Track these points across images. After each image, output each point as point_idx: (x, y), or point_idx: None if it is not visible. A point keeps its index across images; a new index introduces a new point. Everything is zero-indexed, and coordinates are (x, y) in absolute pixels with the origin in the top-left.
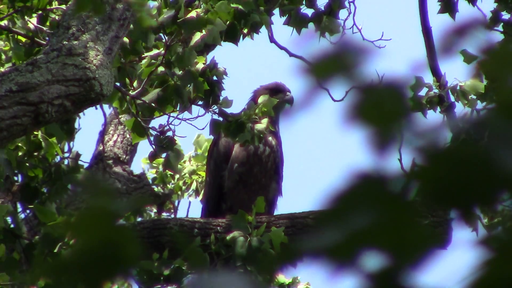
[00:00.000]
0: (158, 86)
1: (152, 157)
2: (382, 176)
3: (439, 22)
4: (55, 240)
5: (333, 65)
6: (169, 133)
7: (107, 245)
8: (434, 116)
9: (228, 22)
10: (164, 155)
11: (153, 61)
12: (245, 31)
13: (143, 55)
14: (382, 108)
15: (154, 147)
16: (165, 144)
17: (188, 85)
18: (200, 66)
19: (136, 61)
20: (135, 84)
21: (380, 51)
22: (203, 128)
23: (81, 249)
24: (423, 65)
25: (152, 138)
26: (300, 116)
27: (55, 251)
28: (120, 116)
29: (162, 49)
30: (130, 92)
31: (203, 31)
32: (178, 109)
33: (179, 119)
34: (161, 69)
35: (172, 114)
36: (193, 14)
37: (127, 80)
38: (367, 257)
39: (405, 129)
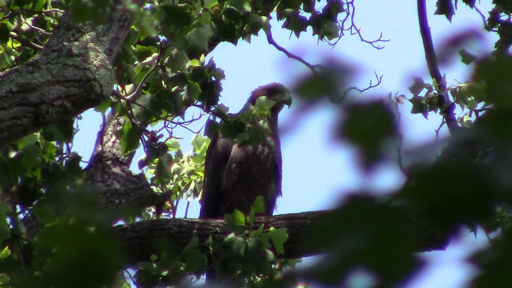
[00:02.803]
0: (151, 91)
1: (144, 163)
2: (369, 195)
3: (438, 22)
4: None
5: (318, 85)
6: (162, 139)
7: (90, 256)
8: (425, 134)
9: (223, 20)
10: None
11: (147, 66)
12: (245, 29)
13: (135, 62)
14: (368, 127)
15: (147, 153)
16: (158, 150)
17: (182, 88)
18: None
19: (128, 66)
20: (127, 89)
21: (365, 69)
22: (198, 132)
23: (65, 261)
24: (422, 70)
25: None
26: (292, 135)
27: (53, 251)
28: (119, 117)
29: (155, 53)
30: (125, 96)
31: (192, 32)
32: (171, 113)
33: (173, 123)
34: (155, 73)
35: (167, 119)
36: (182, 8)
37: (119, 87)
38: (356, 277)
39: (394, 148)
